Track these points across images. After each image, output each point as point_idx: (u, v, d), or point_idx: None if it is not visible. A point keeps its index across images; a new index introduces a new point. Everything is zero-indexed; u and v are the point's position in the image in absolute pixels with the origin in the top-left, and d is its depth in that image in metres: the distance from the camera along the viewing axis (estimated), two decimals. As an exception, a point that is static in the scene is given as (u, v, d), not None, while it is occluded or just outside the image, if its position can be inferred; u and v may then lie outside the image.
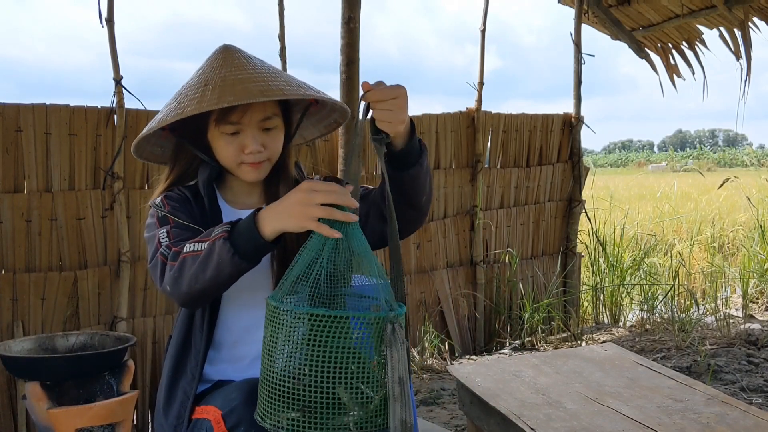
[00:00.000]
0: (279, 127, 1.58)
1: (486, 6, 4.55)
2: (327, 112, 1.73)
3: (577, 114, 5.00)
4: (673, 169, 32.14)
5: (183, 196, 1.57)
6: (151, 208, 1.56)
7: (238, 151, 1.53)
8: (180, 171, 1.62)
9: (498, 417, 2.11)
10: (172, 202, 1.54)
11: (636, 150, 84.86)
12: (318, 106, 1.70)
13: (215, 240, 1.32)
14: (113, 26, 3.22)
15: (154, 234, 1.50)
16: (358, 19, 3.54)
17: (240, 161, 1.54)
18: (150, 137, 1.61)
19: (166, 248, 1.43)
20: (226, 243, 1.30)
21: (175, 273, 1.37)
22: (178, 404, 1.54)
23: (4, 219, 3.06)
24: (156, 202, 1.55)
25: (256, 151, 1.52)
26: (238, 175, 1.58)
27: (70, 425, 2.25)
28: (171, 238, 1.46)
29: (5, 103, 3.07)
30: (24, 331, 3.08)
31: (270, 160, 1.57)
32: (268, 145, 1.55)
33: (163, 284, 1.41)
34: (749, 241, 6.96)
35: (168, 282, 1.39)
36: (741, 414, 1.96)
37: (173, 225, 1.49)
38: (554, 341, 4.60)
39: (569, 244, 5.08)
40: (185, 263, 1.35)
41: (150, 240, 1.52)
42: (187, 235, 1.46)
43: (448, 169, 4.48)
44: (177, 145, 1.63)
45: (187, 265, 1.35)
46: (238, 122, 1.52)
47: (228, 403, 1.41)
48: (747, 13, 5.00)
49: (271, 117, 1.55)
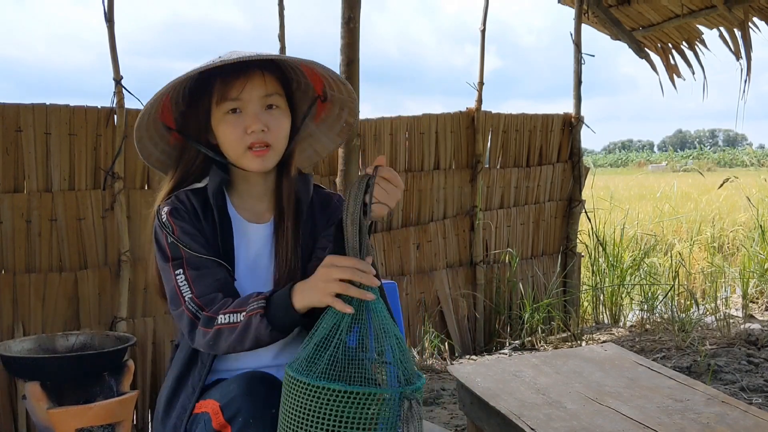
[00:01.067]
0: (282, 109, 1.56)
1: (486, 6, 4.55)
2: (336, 113, 1.70)
3: (577, 114, 5.01)
4: (673, 169, 32.14)
5: (190, 209, 1.54)
6: (156, 218, 1.54)
7: (241, 133, 1.51)
8: (183, 171, 1.61)
9: (498, 417, 2.11)
10: (180, 222, 1.51)
11: (636, 150, 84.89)
12: (326, 105, 1.68)
13: (251, 315, 1.36)
14: (113, 26, 3.22)
15: (169, 271, 1.48)
16: (358, 19, 3.55)
17: (244, 146, 1.52)
18: (157, 142, 1.61)
19: (195, 306, 1.44)
20: (263, 320, 1.35)
21: (211, 341, 1.42)
22: (175, 416, 1.54)
23: (4, 219, 3.06)
24: (162, 218, 1.52)
25: (259, 129, 1.51)
26: (244, 165, 1.55)
27: (70, 425, 2.25)
28: (192, 286, 1.46)
29: (5, 103, 3.07)
30: (24, 331, 3.08)
31: (274, 148, 1.55)
32: (271, 126, 1.53)
33: (194, 343, 1.46)
34: (749, 241, 6.96)
35: (201, 345, 1.45)
36: (741, 414, 1.95)
37: (187, 261, 1.48)
38: (554, 341, 4.60)
39: (569, 244, 5.08)
40: (221, 334, 1.40)
41: (164, 272, 1.51)
42: (205, 272, 1.47)
43: (448, 170, 4.48)
44: (181, 149, 1.62)
45: (224, 336, 1.40)
46: (237, 98, 1.51)
47: (226, 394, 1.41)
48: (747, 13, 5.00)
49: (272, 94, 1.54)
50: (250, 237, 1.59)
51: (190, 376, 1.56)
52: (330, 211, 1.65)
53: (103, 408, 2.30)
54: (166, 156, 1.66)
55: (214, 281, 1.48)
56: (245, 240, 1.59)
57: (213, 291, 1.46)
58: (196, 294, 1.45)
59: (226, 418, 1.38)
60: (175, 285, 1.47)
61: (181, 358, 1.58)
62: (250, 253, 1.59)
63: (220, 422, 1.39)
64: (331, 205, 1.66)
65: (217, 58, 1.48)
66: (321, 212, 1.65)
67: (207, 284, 1.47)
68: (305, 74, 1.65)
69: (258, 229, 1.60)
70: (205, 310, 1.43)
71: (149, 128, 1.59)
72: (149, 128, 1.59)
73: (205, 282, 1.47)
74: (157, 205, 1.57)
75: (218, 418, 1.39)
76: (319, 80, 1.64)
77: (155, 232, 1.54)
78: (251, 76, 1.52)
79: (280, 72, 1.59)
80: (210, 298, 1.45)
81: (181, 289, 1.47)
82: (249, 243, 1.59)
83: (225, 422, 1.38)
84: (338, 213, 1.62)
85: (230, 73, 1.52)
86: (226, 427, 1.38)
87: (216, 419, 1.40)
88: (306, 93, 1.68)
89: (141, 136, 1.59)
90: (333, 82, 1.62)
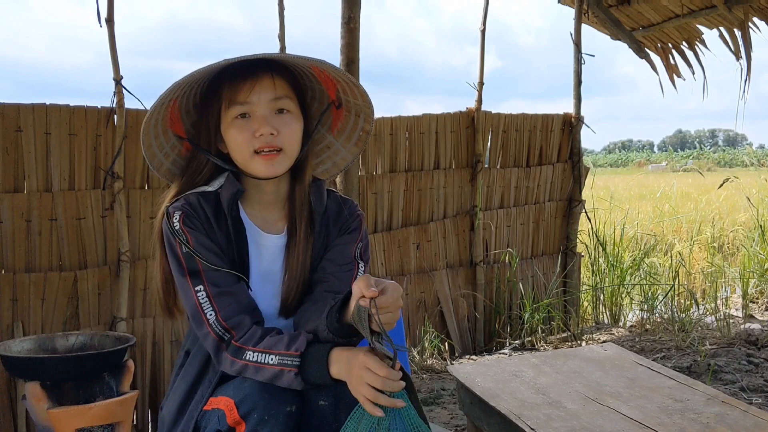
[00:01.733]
0: (293, 113, 1.54)
1: (486, 6, 4.55)
2: (353, 120, 1.68)
3: (577, 114, 5.00)
4: (673, 169, 32.13)
5: (202, 216, 1.51)
6: (166, 220, 1.50)
7: (249, 136, 1.49)
8: (190, 178, 1.58)
9: (498, 417, 2.11)
10: (194, 232, 1.49)
11: (636, 150, 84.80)
12: (342, 113, 1.66)
13: (284, 369, 1.38)
14: (113, 26, 3.22)
15: (187, 286, 1.47)
16: (358, 19, 3.55)
17: (253, 149, 1.49)
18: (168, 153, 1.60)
19: (221, 329, 1.44)
20: (298, 377, 1.37)
21: (238, 371, 1.43)
22: (183, 424, 1.53)
23: (4, 219, 3.06)
24: (175, 226, 1.49)
25: (268, 133, 1.48)
26: (253, 170, 1.52)
27: (70, 425, 2.25)
28: (215, 305, 1.45)
29: (5, 103, 3.07)
30: (24, 331, 3.08)
31: (285, 152, 1.52)
32: (281, 131, 1.50)
33: (221, 366, 1.46)
34: (749, 241, 6.96)
35: (227, 370, 1.45)
36: (741, 414, 1.95)
37: (206, 276, 1.47)
38: (554, 341, 4.60)
39: (569, 244, 5.08)
40: (248, 369, 1.41)
41: (181, 286, 1.49)
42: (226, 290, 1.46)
43: (448, 170, 4.48)
44: (190, 158, 1.60)
45: (251, 371, 1.41)
46: (247, 101, 1.49)
47: (241, 391, 1.41)
48: (747, 13, 5.00)
49: (282, 97, 1.51)
50: (263, 246, 1.58)
51: (200, 387, 1.54)
52: (342, 220, 1.63)
53: (103, 408, 2.30)
54: (177, 167, 1.64)
55: (237, 301, 1.47)
56: (258, 249, 1.57)
57: (238, 313, 1.46)
58: (222, 316, 1.45)
59: (241, 414, 1.37)
60: (196, 302, 1.46)
61: (194, 369, 1.57)
62: (263, 262, 1.57)
63: (235, 419, 1.38)
64: (343, 214, 1.64)
65: (223, 61, 1.47)
66: (334, 222, 1.63)
67: (230, 304, 1.46)
68: (318, 79, 1.62)
69: (271, 239, 1.58)
70: (232, 334, 1.43)
71: (158, 137, 1.57)
72: (158, 137, 1.57)
73: (228, 301, 1.46)
74: (165, 206, 1.54)
75: (233, 415, 1.39)
76: (333, 84, 1.61)
77: (166, 236, 1.51)
78: (260, 78, 1.50)
79: (291, 77, 1.56)
80: (237, 322, 1.44)
81: (203, 307, 1.46)
82: (262, 252, 1.58)
83: (240, 419, 1.38)
84: (350, 222, 1.63)
85: (239, 76, 1.50)
86: (241, 423, 1.37)
87: (231, 415, 1.39)
88: (321, 102, 1.66)
89: (150, 144, 1.56)
90: (346, 86, 1.60)
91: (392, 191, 4.24)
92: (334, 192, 1.69)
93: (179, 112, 1.58)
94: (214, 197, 1.54)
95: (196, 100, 1.59)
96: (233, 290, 1.48)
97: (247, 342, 1.42)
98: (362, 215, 1.67)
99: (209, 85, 1.55)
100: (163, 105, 1.51)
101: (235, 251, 1.53)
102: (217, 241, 1.51)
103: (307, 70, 1.59)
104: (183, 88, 1.51)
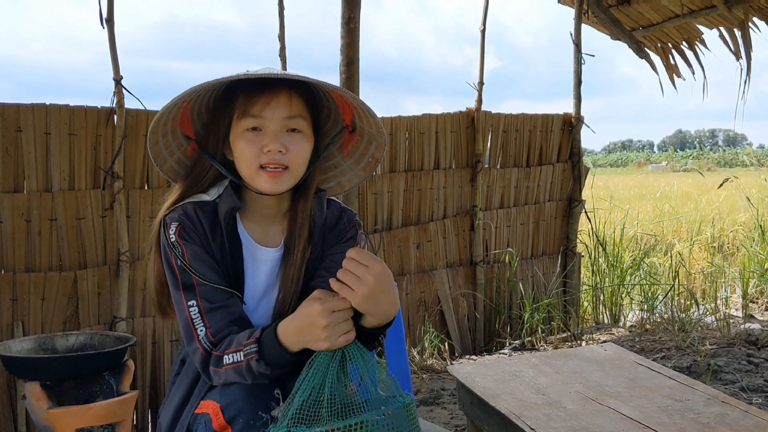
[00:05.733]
0: (305, 134, 1.52)
1: (486, 6, 4.55)
2: (364, 146, 1.67)
3: (577, 114, 5.01)
4: (673, 169, 32.16)
5: (198, 227, 1.51)
6: (162, 231, 1.50)
7: (257, 151, 1.48)
8: (192, 182, 1.58)
9: (498, 417, 2.11)
10: (190, 245, 1.48)
11: (636, 150, 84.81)
12: (354, 138, 1.65)
13: (248, 360, 1.38)
14: (113, 26, 3.22)
15: (181, 300, 1.47)
16: (358, 19, 3.55)
17: (259, 164, 1.48)
18: (174, 151, 1.60)
19: (209, 343, 1.44)
20: (260, 362, 1.37)
21: (222, 380, 1.44)
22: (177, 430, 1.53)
23: (4, 219, 3.06)
24: (171, 238, 1.48)
25: (276, 150, 1.47)
26: (256, 185, 1.50)
27: (70, 425, 2.25)
28: (205, 320, 1.45)
29: (5, 103, 3.07)
30: (24, 331, 3.08)
31: (291, 170, 1.50)
32: (291, 149, 1.49)
33: (211, 381, 1.47)
34: (749, 241, 6.96)
35: (215, 382, 1.46)
36: (741, 414, 1.95)
37: (200, 290, 1.46)
38: (554, 341, 4.60)
39: (569, 244, 5.08)
40: (229, 374, 1.42)
41: (176, 300, 1.49)
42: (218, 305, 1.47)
43: (448, 169, 4.48)
44: (195, 160, 1.60)
45: (232, 376, 1.42)
46: (260, 115, 1.47)
47: (227, 396, 1.41)
48: (747, 13, 5.00)
49: (296, 116, 1.50)
50: (259, 259, 1.57)
51: (195, 394, 1.54)
52: (339, 230, 1.63)
53: (103, 408, 2.30)
54: (180, 166, 1.64)
55: (228, 315, 1.46)
56: (254, 262, 1.56)
57: (227, 326, 1.45)
58: (211, 332, 1.45)
59: (227, 419, 1.37)
60: (188, 317, 1.46)
61: (188, 378, 1.57)
62: (258, 275, 1.57)
63: (221, 423, 1.38)
64: (340, 224, 1.63)
65: (244, 72, 1.45)
66: (330, 231, 1.62)
67: (221, 319, 1.45)
68: (335, 101, 1.61)
69: (268, 253, 1.57)
70: (216, 348, 1.44)
71: (166, 135, 1.57)
72: (166, 135, 1.57)
73: (219, 316, 1.46)
74: (163, 213, 1.53)
75: (219, 419, 1.39)
76: (349, 109, 1.60)
77: (162, 247, 1.51)
78: (277, 94, 1.48)
79: (308, 95, 1.54)
80: (223, 336, 1.45)
81: (194, 323, 1.46)
82: (257, 265, 1.57)
83: (225, 423, 1.38)
84: (346, 231, 1.62)
85: (256, 88, 1.49)
86: (227, 428, 1.37)
87: (216, 420, 1.39)
88: (336, 123, 1.64)
89: (157, 141, 1.56)
90: (363, 114, 1.59)
91: (392, 191, 4.24)
92: (335, 201, 1.68)
93: (191, 114, 1.57)
94: (212, 208, 1.54)
95: (209, 103, 1.58)
96: (226, 304, 1.47)
97: (225, 349, 1.42)
98: (359, 223, 1.66)
99: (224, 91, 1.54)
100: (176, 106, 1.51)
101: (230, 264, 1.52)
102: (213, 253, 1.51)
103: (325, 90, 1.58)
104: (200, 92, 1.50)
